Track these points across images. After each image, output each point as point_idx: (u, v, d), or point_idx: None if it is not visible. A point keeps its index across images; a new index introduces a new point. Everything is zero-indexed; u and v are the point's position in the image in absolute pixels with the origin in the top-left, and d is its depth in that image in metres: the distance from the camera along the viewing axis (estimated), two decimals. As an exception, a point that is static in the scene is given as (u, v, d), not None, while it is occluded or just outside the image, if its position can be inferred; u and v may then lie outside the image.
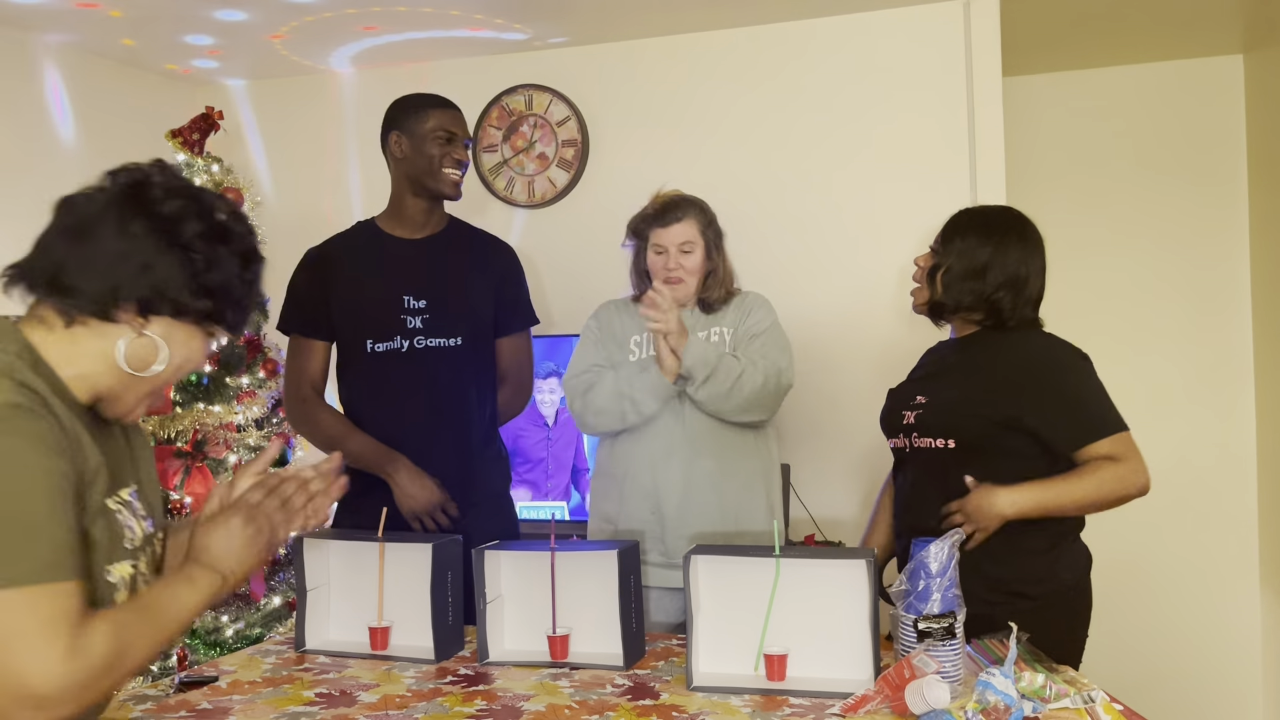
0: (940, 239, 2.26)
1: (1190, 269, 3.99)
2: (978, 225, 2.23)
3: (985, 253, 2.17)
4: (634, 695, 1.79)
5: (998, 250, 2.18)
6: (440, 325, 2.53)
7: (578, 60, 3.64)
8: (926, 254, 2.29)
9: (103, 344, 1.29)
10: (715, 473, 2.42)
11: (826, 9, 3.36)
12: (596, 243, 3.42)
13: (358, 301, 2.55)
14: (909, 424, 2.22)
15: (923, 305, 2.30)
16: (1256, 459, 3.91)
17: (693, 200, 2.53)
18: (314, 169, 3.91)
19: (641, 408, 2.41)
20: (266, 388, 3.23)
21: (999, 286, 2.17)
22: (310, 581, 2.15)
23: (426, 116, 2.55)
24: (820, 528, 3.30)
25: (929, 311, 2.30)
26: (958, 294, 2.20)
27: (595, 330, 2.58)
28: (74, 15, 3.16)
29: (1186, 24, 3.56)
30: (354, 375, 2.58)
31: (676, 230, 2.47)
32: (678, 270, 2.47)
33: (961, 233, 2.22)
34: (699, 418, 2.43)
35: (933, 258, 2.26)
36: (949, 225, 2.26)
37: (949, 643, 1.70)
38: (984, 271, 2.17)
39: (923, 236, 3.33)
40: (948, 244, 2.23)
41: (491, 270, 2.65)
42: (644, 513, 2.43)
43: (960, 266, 2.19)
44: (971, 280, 2.18)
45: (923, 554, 1.74)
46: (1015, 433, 2.09)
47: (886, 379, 3.41)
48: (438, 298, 2.54)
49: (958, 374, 2.21)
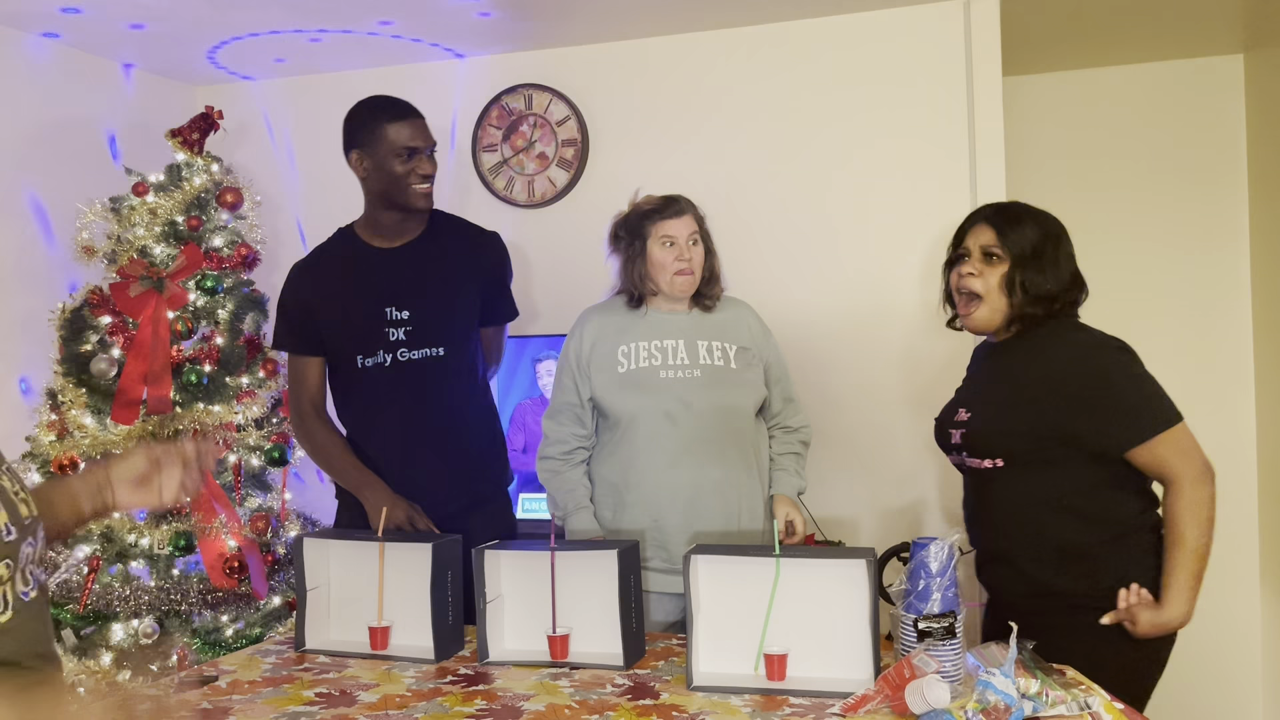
0: (1000, 245, 2.09)
1: (1190, 269, 3.98)
2: (1032, 224, 2.11)
3: (1052, 252, 2.08)
4: (634, 695, 1.79)
5: (1061, 246, 2.10)
6: (423, 336, 2.51)
7: (578, 60, 3.63)
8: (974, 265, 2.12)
9: None
10: (719, 480, 2.41)
11: (826, 9, 3.36)
12: (596, 243, 3.39)
13: (343, 317, 2.54)
14: (957, 444, 2.16)
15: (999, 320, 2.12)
16: (1256, 459, 3.91)
17: (686, 197, 2.51)
18: (315, 169, 3.90)
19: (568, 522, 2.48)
20: (266, 387, 3.23)
21: (1070, 284, 2.10)
22: (310, 581, 2.15)
23: (383, 134, 2.48)
24: (820, 528, 3.30)
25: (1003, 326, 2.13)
26: (1048, 300, 2.08)
27: (573, 366, 2.50)
28: (73, 15, 3.16)
29: (1186, 24, 3.56)
30: (345, 390, 2.59)
31: (686, 220, 2.46)
32: (690, 261, 2.44)
33: (1019, 232, 2.09)
34: (701, 426, 2.41)
35: (989, 265, 2.11)
36: (1004, 227, 2.10)
37: (949, 643, 1.70)
38: (1060, 273, 2.08)
39: (922, 236, 3.36)
40: (1013, 249, 2.08)
41: (479, 265, 2.63)
42: (644, 520, 2.41)
43: (1045, 274, 2.07)
44: (1055, 283, 2.07)
45: (923, 554, 1.74)
46: (1062, 442, 2.02)
47: (886, 378, 3.43)
48: (420, 307, 2.52)
49: (1000, 385, 2.12)
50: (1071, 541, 2.03)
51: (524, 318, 3.65)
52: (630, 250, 2.47)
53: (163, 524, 2.99)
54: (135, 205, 3.14)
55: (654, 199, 2.50)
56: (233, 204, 3.24)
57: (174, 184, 3.17)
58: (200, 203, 3.20)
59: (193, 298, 3.13)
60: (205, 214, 3.20)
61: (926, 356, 3.33)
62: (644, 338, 2.46)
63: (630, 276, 2.48)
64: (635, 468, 2.42)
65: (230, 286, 3.20)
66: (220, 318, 3.17)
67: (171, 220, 3.15)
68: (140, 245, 3.11)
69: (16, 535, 1.17)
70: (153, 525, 2.99)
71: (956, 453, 2.17)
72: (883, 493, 3.38)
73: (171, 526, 2.98)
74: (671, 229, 2.43)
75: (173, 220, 3.15)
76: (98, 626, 2.93)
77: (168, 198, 3.15)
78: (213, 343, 3.13)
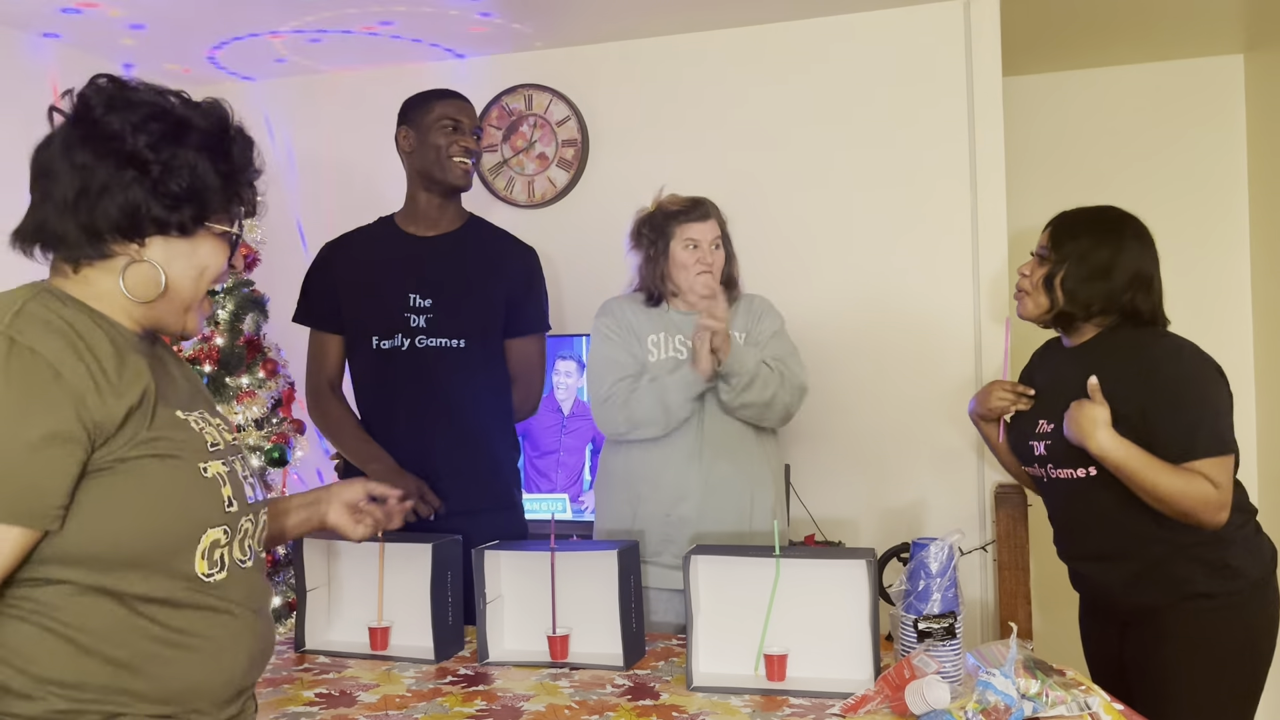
0: (1049, 243, 2.14)
1: (1190, 269, 3.98)
2: (1089, 224, 2.13)
3: (1105, 252, 2.08)
4: (634, 695, 1.79)
5: (1117, 248, 2.09)
6: (444, 325, 2.52)
7: (578, 60, 3.63)
8: (1030, 261, 2.18)
9: (111, 279, 1.26)
10: (733, 476, 2.41)
11: (826, 9, 3.36)
12: (597, 243, 3.42)
13: (364, 297, 2.55)
14: (1041, 455, 2.14)
15: (1041, 315, 2.17)
16: (1256, 459, 3.91)
17: (711, 201, 2.53)
18: (315, 169, 3.91)
19: (678, 412, 2.38)
20: (266, 388, 3.23)
21: (1127, 286, 2.08)
22: (310, 581, 2.15)
23: (431, 107, 2.56)
24: (820, 528, 3.30)
25: (1052, 321, 2.18)
26: (1086, 298, 2.09)
27: (614, 329, 2.50)
28: (73, 15, 3.16)
29: (1186, 24, 3.57)
30: (360, 370, 2.60)
31: (711, 225, 2.47)
32: (712, 265, 2.45)
33: (1073, 234, 2.12)
34: (717, 422, 2.42)
35: (1041, 264, 2.15)
36: (1056, 228, 2.15)
37: (949, 643, 1.70)
38: (1109, 271, 2.08)
39: (922, 236, 3.36)
40: (1059, 248, 2.12)
41: (505, 272, 2.62)
42: (658, 514, 2.41)
43: (1083, 269, 2.09)
44: (1098, 282, 2.08)
45: (923, 554, 1.74)
46: (1147, 446, 2.00)
47: (886, 378, 3.43)
48: (444, 298, 2.53)
49: (1082, 391, 2.08)
50: (1182, 544, 2.02)
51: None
52: (653, 250, 2.48)
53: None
54: (135, 205, 3.14)
55: (680, 199, 2.51)
56: (233, 204, 3.23)
57: (174, 184, 3.17)
58: (200, 203, 3.19)
59: (193, 298, 3.13)
60: (205, 214, 3.20)
61: (927, 356, 3.33)
62: (666, 332, 2.48)
63: (651, 276, 2.49)
64: (652, 462, 2.42)
65: (230, 286, 3.20)
66: (220, 318, 3.17)
67: (171, 220, 3.15)
68: (140, 245, 3.11)
69: (237, 508, 1.31)
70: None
71: (1040, 465, 2.15)
72: (883, 493, 3.37)
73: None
74: (696, 232, 2.44)
75: (173, 220, 3.15)
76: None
77: (168, 198, 3.14)
78: (213, 343, 3.13)
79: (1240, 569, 2.04)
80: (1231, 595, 2.03)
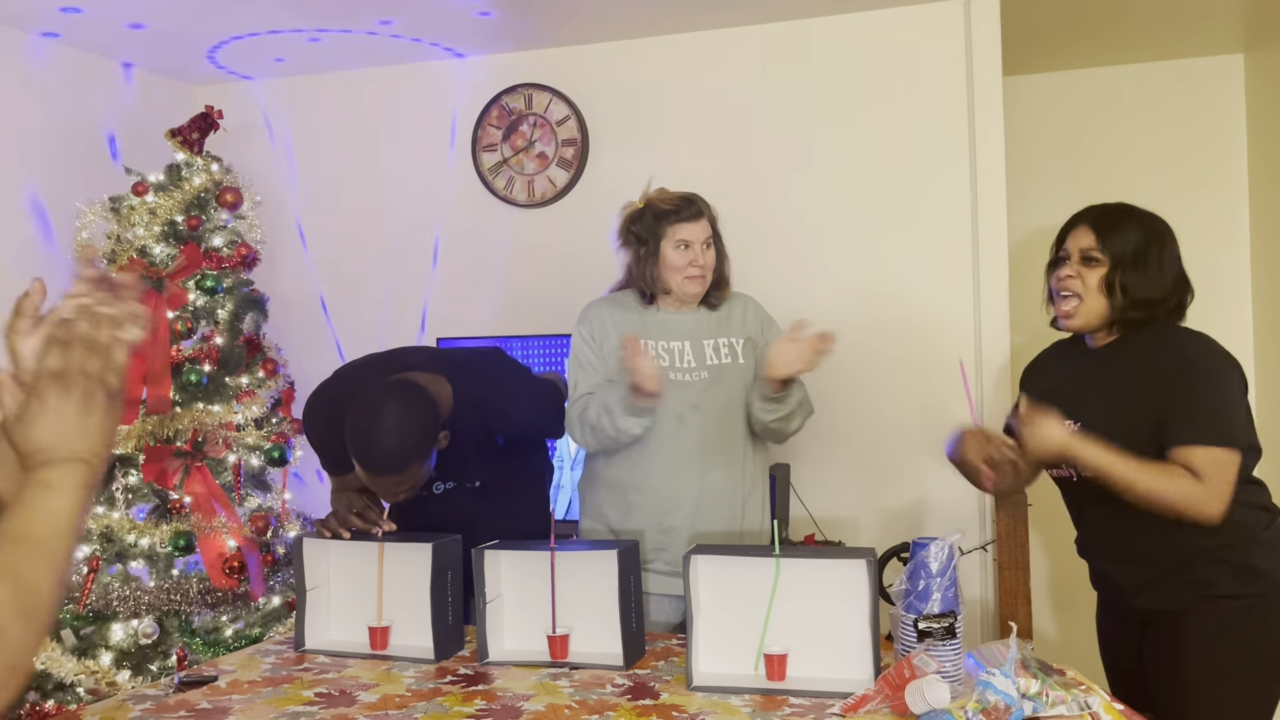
0: (1099, 248, 2.07)
1: (1190, 268, 3.96)
2: (1135, 226, 2.09)
3: (1156, 254, 2.06)
4: (634, 695, 1.79)
5: (1166, 248, 2.07)
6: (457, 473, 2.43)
7: (578, 60, 3.63)
8: (1073, 267, 2.10)
9: None
10: (727, 484, 2.41)
11: (826, 8, 3.36)
12: (596, 242, 3.41)
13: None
14: None
15: (1102, 321, 2.10)
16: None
17: (702, 198, 2.49)
18: (314, 168, 3.90)
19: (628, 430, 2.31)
20: (266, 387, 3.23)
21: (1175, 288, 2.07)
22: (310, 581, 2.15)
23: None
24: (820, 528, 3.30)
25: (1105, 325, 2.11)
26: (1150, 299, 2.05)
27: (589, 340, 2.45)
28: (73, 15, 3.16)
29: (1186, 24, 3.57)
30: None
31: (703, 224, 2.43)
32: (703, 266, 2.41)
33: (1120, 234, 2.07)
34: (709, 429, 2.40)
35: (1091, 266, 2.08)
36: (1103, 229, 2.08)
37: (949, 643, 1.70)
38: (1164, 269, 2.06)
39: (922, 236, 3.36)
40: (1113, 251, 2.06)
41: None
42: (649, 522, 2.40)
43: (1147, 276, 2.05)
44: (1157, 281, 2.05)
45: (923, 554, 1.74)
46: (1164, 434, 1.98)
47: (886, 378, 3.43)
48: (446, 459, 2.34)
49: (1109, 394, 2.06)
50: (1205, 546, 2.01)
51: (524, 317, 3.66)
52: (643, 249, 2.43)
53: (163, 524, 2.99)
54: (135, 205, 3.14)
55: (670, 197, 2.45)
56: (232, 204, 3.24)
57: (174, 184, 3.17)
58: (200, 202, 3.20)
59: (192, 297, 3.13)
60: (205, 214, 3.20)
61: (927, 356, 3.33)
62: (652, 338, 2.43)
63: (640, 275, 2.45)
64: (642, 469, 2.40)
65: (230, 286, 3.20)
66: (220, 317, 3.17)
67: (171, 220, 3.15)
68: (140, 245, 3.12)
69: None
70: (153, 525, 2.99)
71: (1069, 465, 2.11)
72: (883, 493, 3.37)
73: (172, 526, 2.98)
74: (687, 232, 2.40)
75: (172, 220, 3.15)
76: (97, 626, 2.93)
77: (167, 197, 3.15)
78: (212, 342, 3.13)
79: (1265, 570, 2.03)
80: (1255, 597, 2.01)
